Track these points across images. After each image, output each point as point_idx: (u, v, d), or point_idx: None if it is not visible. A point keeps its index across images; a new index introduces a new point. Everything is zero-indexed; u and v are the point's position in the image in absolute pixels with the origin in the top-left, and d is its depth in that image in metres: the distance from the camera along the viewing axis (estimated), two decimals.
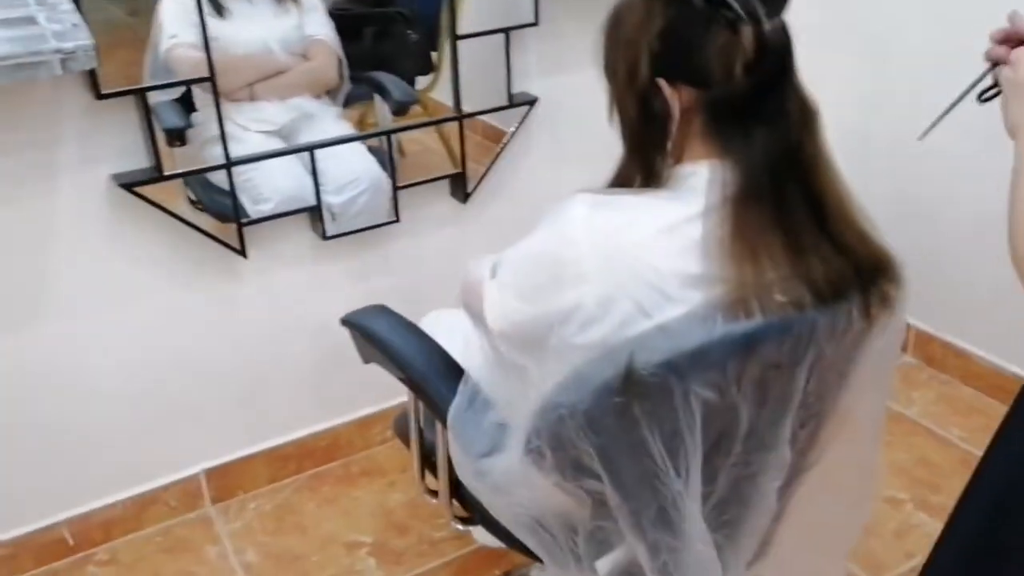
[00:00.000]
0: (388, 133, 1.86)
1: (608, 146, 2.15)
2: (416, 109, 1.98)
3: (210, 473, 2.00)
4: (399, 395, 2.16)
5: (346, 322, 1.35)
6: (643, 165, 1.07)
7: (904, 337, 1.08)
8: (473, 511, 1.33)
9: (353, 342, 1.37)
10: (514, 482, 1.13)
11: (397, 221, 1.94)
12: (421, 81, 2.04)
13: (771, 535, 1.25)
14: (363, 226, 1.91)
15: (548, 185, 2.11)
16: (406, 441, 1.43)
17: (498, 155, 2.00)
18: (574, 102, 2.06)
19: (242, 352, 1.92)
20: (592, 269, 0.99)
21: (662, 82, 0.99)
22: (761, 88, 0.98)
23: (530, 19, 1.89)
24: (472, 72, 1.90)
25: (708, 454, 1.06)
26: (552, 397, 1.03)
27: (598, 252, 0.98)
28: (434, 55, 2.00)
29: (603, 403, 0.99)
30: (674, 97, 0.99)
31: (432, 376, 1.23)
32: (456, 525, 1.37)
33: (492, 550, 1.68)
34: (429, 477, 1.40)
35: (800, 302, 0.99)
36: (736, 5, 0.94)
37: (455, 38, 1.83)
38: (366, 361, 1.37)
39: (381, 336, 1.28)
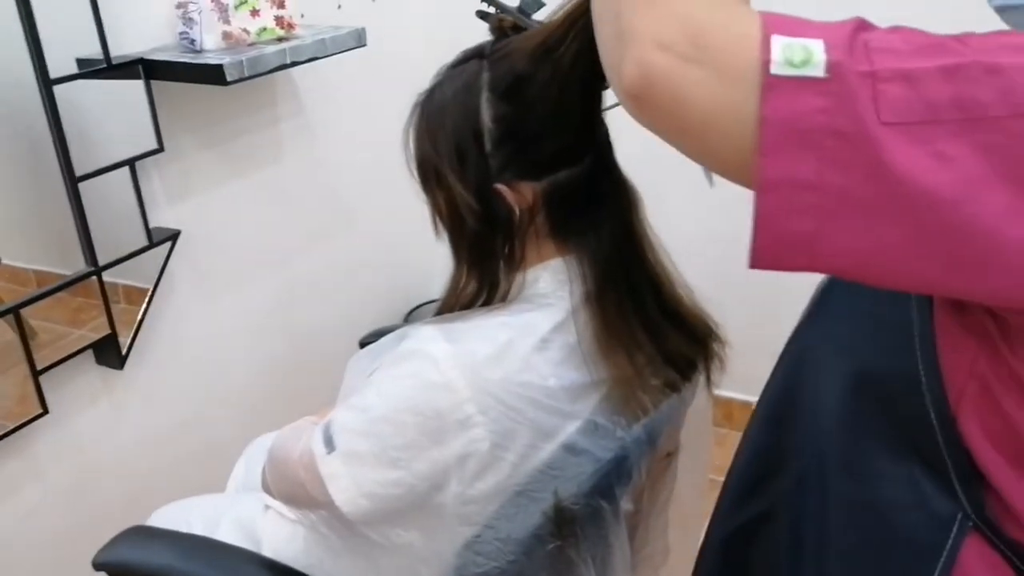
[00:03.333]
0: (18, 308, 1.46)
1: (257, 269, 1.99)
2: None
3: None
4: None
5: (105, 565, 1.02)
6: (484, 278, 0.97)
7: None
8: None
9: None
10: None
11: (46, 412, 1.54)
12: None
13: None
14: None
15: (206, 325, 1.86)
16: None
17: (149, 303, 1.70)
18: (212, 229, 1.84)
19: None
20: (478, 410, 0.87)
21: (503, 188, 0.91)
22: (599, 167, 0.94)
23: (153, 145, 1.64)
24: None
25: None
26: (470, 568, 0.88)
27: (481, 389, 0.87)
28: None
29: (535, 556, 0.88)
30: (515, 199, 0.91)
31: None
32: None
33: None
34: None
35: (673, 383, 0.98)
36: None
37: (75, 180, 1.51)
38: None
39: (177, 570, 0.99)
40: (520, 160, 0.90)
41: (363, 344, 1.18)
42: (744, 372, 1.12)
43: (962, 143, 0.47)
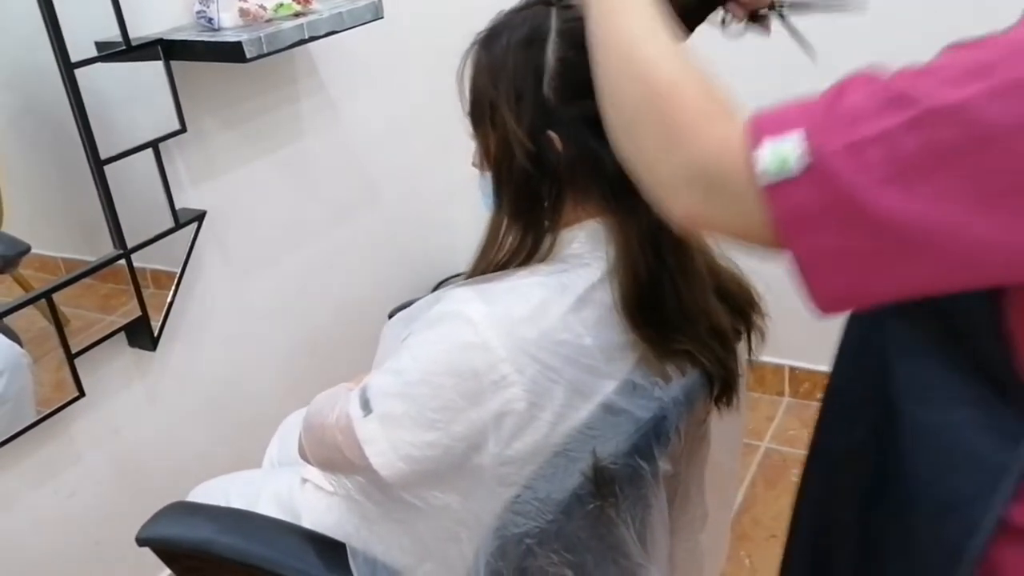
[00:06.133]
0: (49, 293, 1.47)
1: (284, 247, 1.99)
2: None
3: None
4: None
5: (148, 540, 1.03)
6: (528, 228, 0.95)
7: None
8: None
9: (163, 560, 1.05)
10: None
11: (82, 396, 1.55)
12: None
13: None
14: (27, 417, 1.49)
15: (235, 303, 1.87)
16: None
17: (179, 283, 1.71)
18: (237, 208, 1.84)
19: None
20: (514, 369, 0.86)
21: (555, 136, 0.89)
22: None
23: (176, 126, 1.64)
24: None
25: None
26: (509, 528, 0.88)
27: (517, 349, 0.87)
28: None
29: (575, 516, 0.87)
30: (565, 150, 0.90)
31: (316, 571, 0.98)
32: None
33: None
34: None
35: (712, 349, 0.97)
36: None
37: (100, 164, 1.51)
38: None
39: (218, 543, 1.00)
40: (574, 114, 0.88)
41: (392, 316, 1.18)
42: (776, 337, 1.10)
43: (945, 180, 0.53)
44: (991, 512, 0.64)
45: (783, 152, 0.56)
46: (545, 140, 0.89)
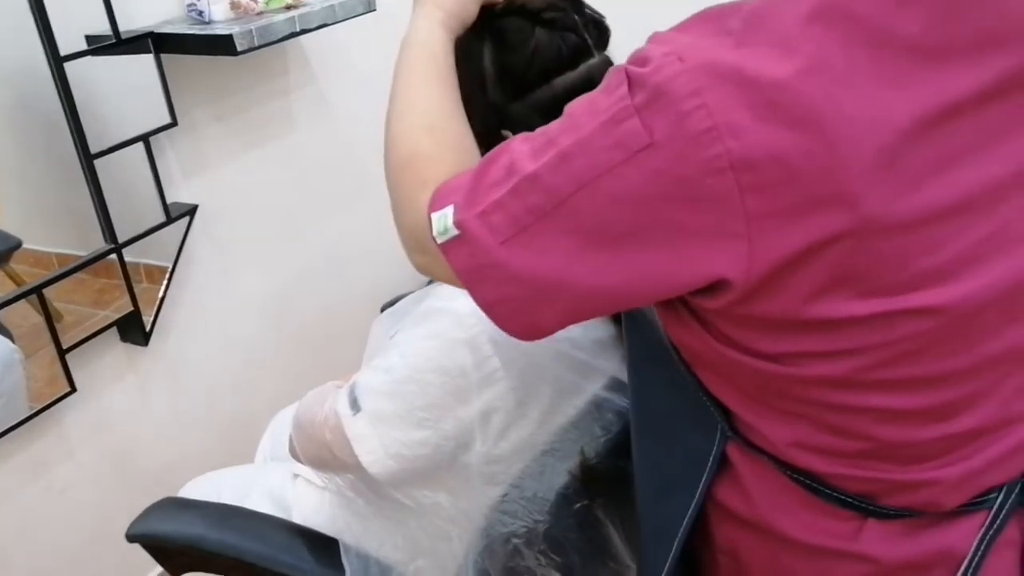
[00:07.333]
0: (40, 288, 1.47)
1: (276, 240, 1.98)
2: None
3: None
4: None
5: (138, 536, 1.03)
6: None
7: None
8: None
9: (154, 557, 1.05)
10: None
11: (74, 391, 1.55)
12: None
13: None
14: (19, 413, 1.49)
15: (227, 298, 1.87)
16: None
17: (170, 278, 1.71)
18: (229, 202, 1.84)
19: None
20: (502, 364, 0.87)
21: (510, 135, 0.89)
22: None
23: (167, 120, 1.63)
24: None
25: None
26: (496, 528, 0.88)
27: (505, 343, 0.87)
28: None
29: (564, 516, 0.88)
30: None
31: (307, 566, 0.98)
32: None
33: None
34: None
35: None
36: (584, 34, 0.88)
37: (90, 158, 1.51)
38: (177, 574, 1.06)
39: (208, 539, 1.00)
40: (524, 109, 0.89)
41: (383, 310, 1.18)
42: None
43: (546, 235, 0.63)
44: (699, 494, 0.77)
45: (444, 220, 0.68)
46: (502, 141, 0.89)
